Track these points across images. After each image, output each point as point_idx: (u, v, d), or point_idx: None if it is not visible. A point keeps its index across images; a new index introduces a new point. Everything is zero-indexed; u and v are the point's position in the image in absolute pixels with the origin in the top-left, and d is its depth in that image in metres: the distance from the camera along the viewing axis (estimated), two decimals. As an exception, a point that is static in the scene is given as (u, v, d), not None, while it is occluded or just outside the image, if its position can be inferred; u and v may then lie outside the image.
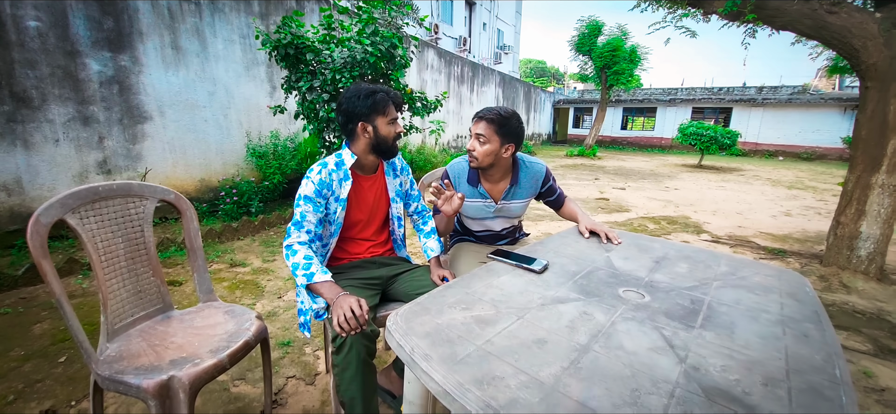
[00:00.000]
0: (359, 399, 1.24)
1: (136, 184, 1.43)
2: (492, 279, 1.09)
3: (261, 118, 4.76)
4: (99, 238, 1.32)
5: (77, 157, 3.28)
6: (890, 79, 2.70)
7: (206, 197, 4.25)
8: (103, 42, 3.30)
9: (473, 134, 1.56)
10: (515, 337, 0.80)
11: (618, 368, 0.72)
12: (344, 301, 1.22)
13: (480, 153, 1.54)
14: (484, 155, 1.54)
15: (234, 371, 1.89)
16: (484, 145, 1.53)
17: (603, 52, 13.29)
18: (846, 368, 0.78)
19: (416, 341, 0.76)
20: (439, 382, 0.66)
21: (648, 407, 0.62)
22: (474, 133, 1.55)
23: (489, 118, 1.51)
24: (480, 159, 1.55)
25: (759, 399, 0.66)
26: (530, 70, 42.66)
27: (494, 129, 1.51)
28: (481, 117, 1.53)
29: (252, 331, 1.39)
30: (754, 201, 7.01)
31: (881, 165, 2.95)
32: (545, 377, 0.68)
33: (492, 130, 1.51)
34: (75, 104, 3.21)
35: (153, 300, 1.49)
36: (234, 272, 3.05)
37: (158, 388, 1.12)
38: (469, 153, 1.59)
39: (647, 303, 1.00)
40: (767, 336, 0.86)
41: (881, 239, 3.16)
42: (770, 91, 17.88)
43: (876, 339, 2.42)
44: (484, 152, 1.53)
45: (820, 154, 15.99)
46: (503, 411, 0.59)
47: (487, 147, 1.52)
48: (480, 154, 1.54)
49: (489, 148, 1.53)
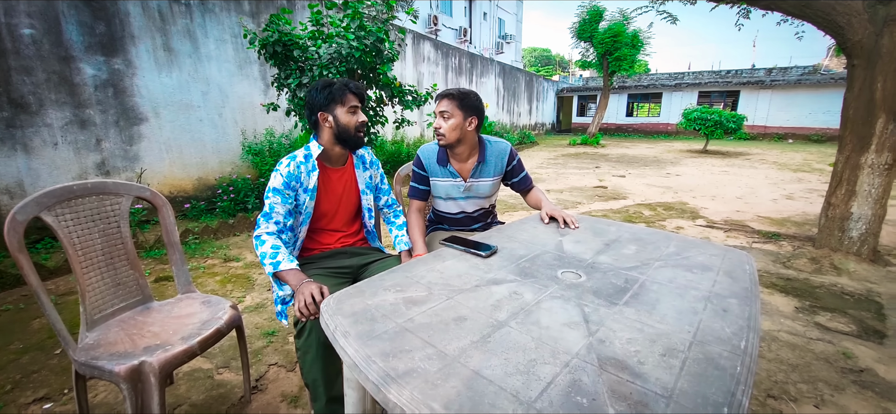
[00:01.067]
0: (321, 381, 1.30)
1: (111, 182, 1.50)
2: (435, 264, 1.14)
3: (255, 116, 4.85)
4: (75, 234, 1.39)
5: (76, 160, 3.39)
6: (876, 56, 2.65)
7: (204, 195, 4.36)
8: (96, 46, 3.40)
9: (437, 112, 1.66)
10: (437, 316, 0.85)
11: (524, 341, 0.76)
12: (306, 288, 1.27)
13: (447, 129, 1.64)
14: (450, 130, 1.64)
15: (219, 359, 1.97)
16: (448, 120, 1.63)
17: (604, 39, 13.13)
18: (755, 341, 0.81)
19: (340, 320, 0.82)
20: (350, 356, 0.71)
21: (539, 375, 0.66)
22: (438, 111, 1.66)
23: (450, 95, 1.63)
24: (447, 135, 1.65)
25: (650, 368, 0.70)
26: (534, 59, 42.20)
27: (456, 103, 1.62)
28: (443, 96, 1.65)
29: (224, 319, 1.46)
30: (757, 185, 6.91)
31: (870, 145, 2.91)
32: (451, 350, 0.73)
33: (454, 105, 1.62)
34: (72, 108, 3.31)
35: (132, 292, 1.57)
36: (228, 267, 3.14)
37: (129, 372, 1.20)
38: (436, 131, 1.69)
39: (580, 282, 1.03)
40: (685, 311, 0.90)
41: (873, 219, 3.12)
42: (779, 72, 17.47)
43: (861, 320, 2.42)
44: (450, 127, 1.63)
45: (830, 135, 15.59)
46: (400, 381, 0.64)
47: (452, 122, 1.63)
48: (447, 130, 1.64)
49: (454, 123, 1.63)
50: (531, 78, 17.92)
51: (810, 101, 16.14)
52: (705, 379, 0.67)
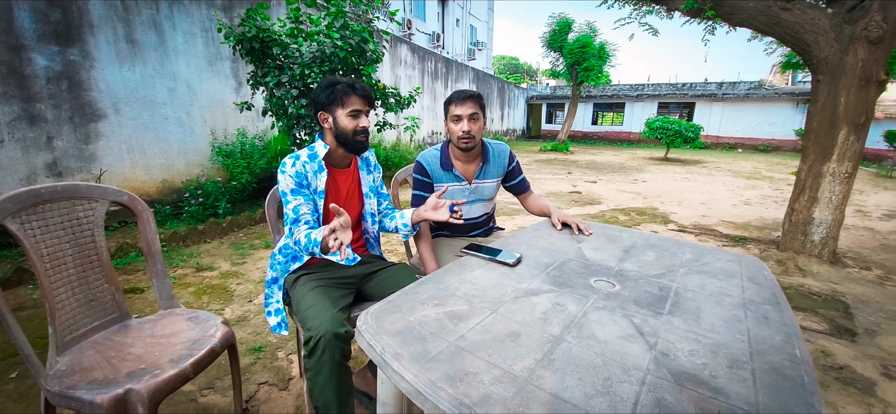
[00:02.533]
0: (334, 403, 1.20)
1: (85, 185, 1.33)
2: (465, 274, 1.08)
3: (226, 115, 4.57)
4: (43, 244, 1.22)
5: (24, 159, 3.04)
6: (840, 72, 2.86)
7: (170, 199, 4.05)
8: (50, 35, 3.07)
9: (465, 116, 1.57)
10: (488, 331, 0.79)
11: (590, 357, 0.72)
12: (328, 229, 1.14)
13: (476, 130, 1.59)
14: (479, 131, 1.61)
15: (202, 380, 1.80)
16: (477, 122, 1.59)
17: (573, 49, 13.56)
18: (805, 348, 0.81)
19: (386, 340, 0.74)
20: (411, 382, 0.64)
21: (621, 395, 0.62)
22: (466, 115, 1.57)
23: (475, 96, 1.59)
24: (477, 137, 1.61)
25: (725, 382, 0.67)
26: (504, 66, 43.03)
27: (479, 104, 1.60)
28: (467, 97, 1.58)
29: (217, 337, 1.33)
30: (716, 192, 7.33)
31: (832, 154, 3.14)
32: (519, 371, 0.67)
33: (478, 106, 1.59)
34: (20, 102, 2.97)
35: (108, 309, 1.39)
36: (201, 277, 2.92)
37: (114, 402, 1.05)
38: (465, 135, 1.58)
39: (617, 292, 1.01)
40: (730, 319, 0.89)
41: (833, 224, 3.36)
42: (729, 86, 18.76)
43: (832, 319, 2.57)
44: (478, 129, 1.60)
45: (775, 146, 16.92)
46: (477, 409, 0.58)
47: (479, 123, 1.60)
48: (477, 131, 1.60)
49: (480, 124, 1.60)
50: (503, 84, 18.21)
51: (757, 113, 17.43)
52: (781, 391, 0.66)
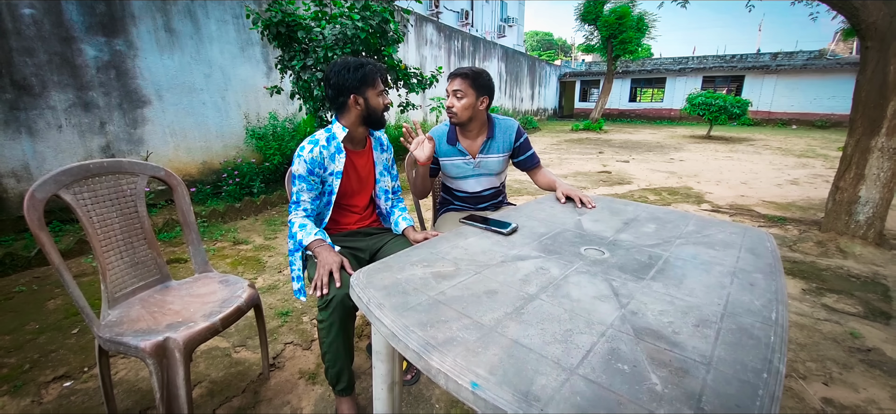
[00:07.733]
0: (342, 351, 1.33)
1: (126, 161, 1.49)
2: (458, 241, 1.14)
3: (259, 99, 4.80)
4: (94, 213, 1.39)
5: (81, 143, 3.37)
6: (890, 38, 2.61)
7: (210, 179, 4.34)
8: (97, 27, 3.35)
9: (450, 92, 1.67)
10: (468, 289, 0.85)
11: (558, 312, 0.77)
12: (327, 262, 1.29)
13: (459, 108, 1.65)
14: (462, 109, 1.65)
15: (235, 338, 1.99)
16: (461, 100, 1.64)
17: (609, 21, 12.94)
18: (785, 313, 0.82)
19: (373, 293, 0.82)
20: (388, 326, 0.72)
21: (577, 343, 0.67)
22: (451, 91, 1.66)
23: (463, 74, 1.64)
24: (460, 114, 1.66)
25: (686, 338, 0.70)
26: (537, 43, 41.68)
27: (469, 83, 1.63)
28: (456, 75, 1.65)
29: (243, 298, 1.47)
30: (761, 171, 6.90)
31: (881, 128, 2.89)
32: (487, 321, 0.73)
33: (467, 84, 1.63)
34: (75, 90, 3.28)
35: (151, 271, 1.58)
36: (237, 250, 3.15)
37: (155, 348, 1.21)
38: (448, 110, 1.69)
39: (605, 259, 1.04)
40: (713, 285, 0.90)
41: (880, 203, 3.12)
42: (785, 57, 17.28)
43: (868, 302, 2.44)
44: (462, 107, 1.65)
45: (835, 121, 15.51)
46: (441, 348, 0.65)
47: (465, 101, 1.64)
48: (459, 108, 1.65)
49: (466, 102, 1.64)
50: (533, 62, 17.72)
51: (815, 86, 16.00)
52: (741, 347, 0.68)
